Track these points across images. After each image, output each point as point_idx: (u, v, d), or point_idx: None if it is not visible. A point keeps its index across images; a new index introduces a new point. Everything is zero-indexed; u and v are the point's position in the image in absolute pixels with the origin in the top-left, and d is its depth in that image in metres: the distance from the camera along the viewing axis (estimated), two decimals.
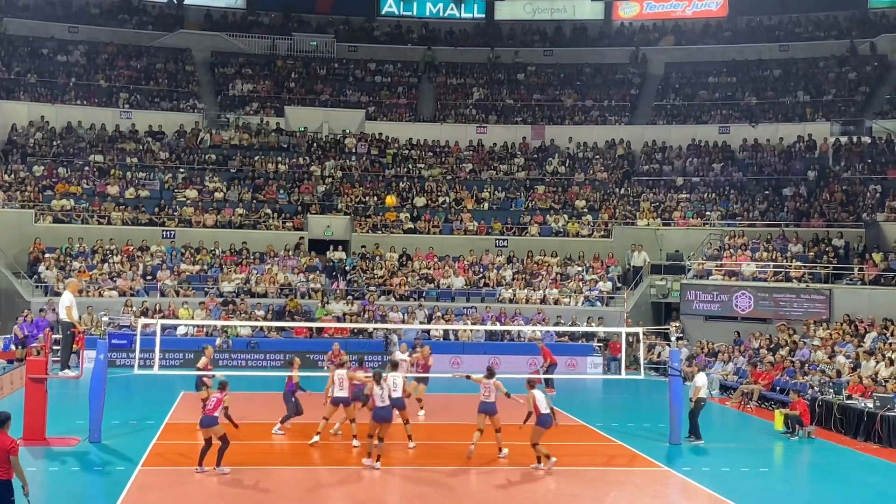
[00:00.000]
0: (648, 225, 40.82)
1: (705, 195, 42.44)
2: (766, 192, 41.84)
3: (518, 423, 19.04)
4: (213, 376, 20.09)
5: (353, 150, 45.52)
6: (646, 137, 46.43)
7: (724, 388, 29.97)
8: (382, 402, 16.92)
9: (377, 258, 39.35)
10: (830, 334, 30.41)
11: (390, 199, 42.12)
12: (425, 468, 18.16)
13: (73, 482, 16.72)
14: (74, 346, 20.71)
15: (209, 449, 17.26)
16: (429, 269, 38.92)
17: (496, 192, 43.44)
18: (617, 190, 43.71)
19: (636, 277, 38.61)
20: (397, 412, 19.27)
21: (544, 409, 18.06)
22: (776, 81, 47.97)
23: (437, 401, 25.10)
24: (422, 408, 23.74)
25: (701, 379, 22.09)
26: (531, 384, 18.50)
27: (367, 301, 36.11)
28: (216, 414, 17.10)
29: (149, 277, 36.51)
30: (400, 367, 20.73)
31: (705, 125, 46.19)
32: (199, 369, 21.38)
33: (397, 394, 19.10)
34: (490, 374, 19.36)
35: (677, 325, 26.95)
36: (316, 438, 19.91)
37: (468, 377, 19.92)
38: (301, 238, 40.09)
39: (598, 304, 37.46)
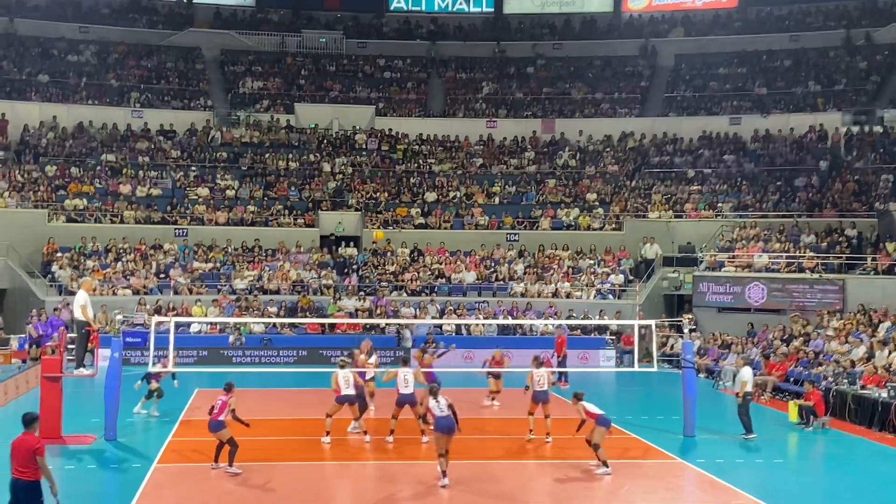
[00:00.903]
0: (660, 217, 40.73)
1: (717, 186, 42.32)
2: (778, 183, 41.71)
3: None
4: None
5: (364, 147, 45.55)
6: (656, 129, 46.32)
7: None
8: (441, 413, 16.50)
9: (388, 254, 39.38)
10: (844, 324, 30.30)
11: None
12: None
13: (89, 480, 16.80)
14: (89, 344, 20.80)
15: (223, 448, 17.29)
16: (440, 264, 38.93)
17: (507, 187, 43.42)
18: (628, 182, 43.63)
19: (648, 270, 38.55)
20: (409, 406, 19.49)
21: (596, 410, 18.09)
22: (787, 71, 47.79)
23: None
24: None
25: (747, 373, 21.84)
26: (577, 397, 18.44)
27: (377, 298, 36.13)
28: (222, 417, 17.07)
29: (162, 275, 36.62)
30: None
31: (716, 116, 46.08)
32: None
33: (409, 389, 19.36)
34: (539, 363, 20.79)
35: (690, 317, 26.90)
36: (327, 439, 19.82)
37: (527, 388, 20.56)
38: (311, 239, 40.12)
39: (611, 297, 37.41)
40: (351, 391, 19.70)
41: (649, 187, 43.00)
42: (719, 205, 40.99)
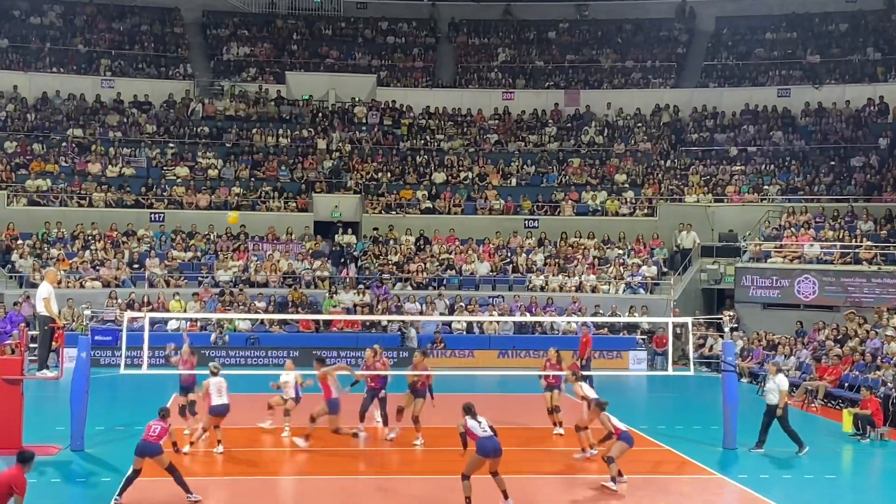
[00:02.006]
0: (698, 201, 40.64)
1: (763, 167, 42.20)
2: (832, 163, 41.57)
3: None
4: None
5: (364, 121, 45.53)
6: (694, 102, 46.18)
7: None
8: (485, 433, 16.39)
9: (391, 242, 39.36)
10: None
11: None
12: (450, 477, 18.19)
13: (53, 496, 16.80)
14: (53, 343, 20.81)
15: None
16: (449, 253, 38.92)
17: (525, 166, 43.36)
18: (662, 162, 43.54)
19: (684, 261, 38.49)
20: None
21: (620, 426, 18.02)
22: (843, 37, 47.52)
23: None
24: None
25: (784, 381, 21.62)
26: (600, 407, 18.39)
27: (376, 286, 36.12)
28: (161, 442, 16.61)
29: (135, 266, 36.69)
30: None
31: (762, 87, 45.92)
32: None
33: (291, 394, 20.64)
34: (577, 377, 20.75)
35: (731, 314, 26.93)
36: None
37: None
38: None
39: (642, 291, 37.37)
40: (224, 400, 19.51)
41: (686, 167, 42.89)
42: (765, 187, 40.87)
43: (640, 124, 45.72)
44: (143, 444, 16.29)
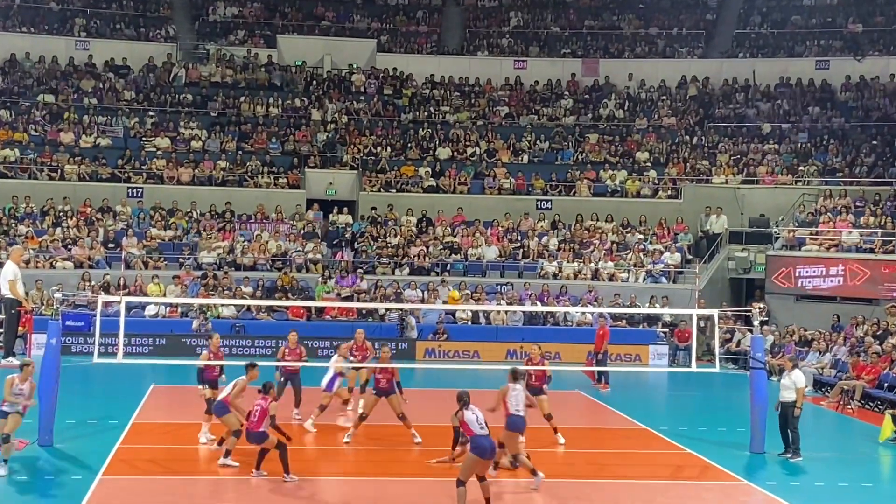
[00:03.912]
0: (727, 183, 40.62)
1: (798, 146, 42.15)
2: (874, 143, 41.54)
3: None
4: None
5: (362, 90, 45.48)
6: (724, 74, 46.15)
7: (820, 385, 29.84)
8: (482, 430, 16.34)
9: (391, 223, 39.36)
10: None
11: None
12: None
13: (20, 494, 16.86)
14: (20, 328, 20.87)
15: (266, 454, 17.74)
16: (454, 236, 38.91)
17: (538, 142, 43.33)
18: (688, 139, 43.49)
19: (711, 248, 38.46)
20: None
21: (513, 409, 17.91)
22: (887, 4, 47.36)
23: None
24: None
25: (801, 378, 21.64)
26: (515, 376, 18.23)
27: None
28: (263, 428, 17.50)
29: (111, 245, 36.68)
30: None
31: (798, 59, 45.86)
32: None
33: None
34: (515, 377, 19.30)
35: (761, 306, 26.77)
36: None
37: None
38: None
39: (664, 280, 37.37)
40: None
41: (714, 145, 42.85)
42: (800, 168, 40.83)
43: (664, 97, 45.65)
44: (248, 434, 17.68)
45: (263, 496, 17.04)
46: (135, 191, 39.40)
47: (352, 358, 22.27)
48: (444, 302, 34.86)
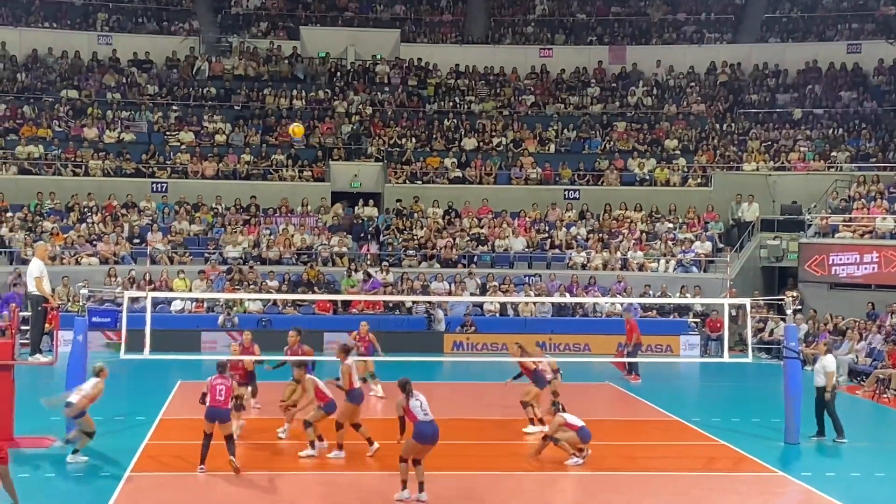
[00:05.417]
0: (758, 170, 40.44)
1: (830, 131, 41.91)
2: None
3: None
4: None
5: (386, 81, 45.48)
6: (754, 59, 45.94)
7: (855, 374, 29.72)
8: (426, 416, 16.36)
9: (416, 215, 39.37)
10: None
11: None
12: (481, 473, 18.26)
13: (48, 491, 16.94)
14: (47, 325, 20.93)
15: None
16: (481, 227, 38.89)
17: (565, 131, 43.24)
18: (718, 126, 43.31)
19: (742, 236, 38.32)
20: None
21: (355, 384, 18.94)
22: None
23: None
24: None
25: (832, 362, 21.65)
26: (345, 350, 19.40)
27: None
28: (229, 407, 17.68)
29: (136, 241, 36.86)
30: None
31: (830, 43, 45.59)
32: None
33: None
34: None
35: (794, 294, 26.64)
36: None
37: None
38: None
39: (695, 269, 37.24)
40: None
41: (745, 132, 42.67)
42: (833, 154, 40.59)
43: (693, 84, 45.46)
44: (211, 409, 17.46)
45: (290, 491, 17.10)
46: (159, 186, 39.55)
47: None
48: (472, 294, 34.88)
